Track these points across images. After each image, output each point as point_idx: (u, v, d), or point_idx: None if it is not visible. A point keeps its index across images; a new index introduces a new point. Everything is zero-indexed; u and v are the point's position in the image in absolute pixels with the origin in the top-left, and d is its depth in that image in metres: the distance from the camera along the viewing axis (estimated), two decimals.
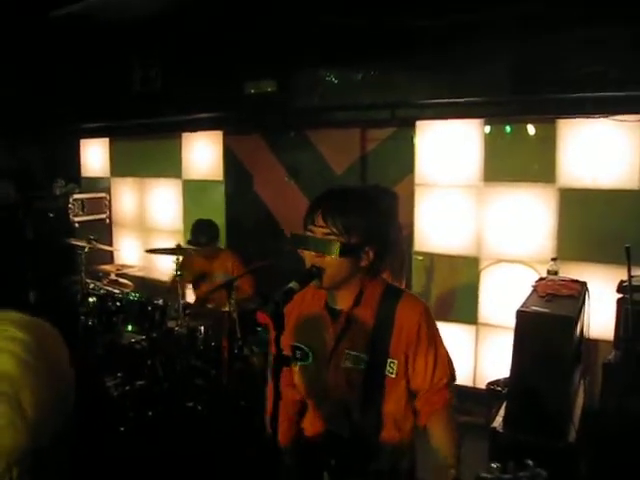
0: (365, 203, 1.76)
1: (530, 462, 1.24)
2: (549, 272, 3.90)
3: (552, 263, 3.94)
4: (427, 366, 1.74)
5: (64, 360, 0.87)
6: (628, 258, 3.06)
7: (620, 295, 3.49)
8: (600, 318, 3.72)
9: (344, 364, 1.74)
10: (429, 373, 1.75)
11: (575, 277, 3.83)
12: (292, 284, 1.56)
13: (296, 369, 1.83)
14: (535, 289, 3.61)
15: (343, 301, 1.77)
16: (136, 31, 4.91)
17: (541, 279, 3.83)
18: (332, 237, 1.65)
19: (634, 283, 3.15)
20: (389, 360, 1.72)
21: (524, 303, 3.34)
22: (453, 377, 1.81)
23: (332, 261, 1.65)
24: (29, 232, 5.99)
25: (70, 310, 4.83)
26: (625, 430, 3.05)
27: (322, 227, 1.66)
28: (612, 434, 3.11)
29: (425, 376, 1.75)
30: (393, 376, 1.72)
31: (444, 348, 1.80)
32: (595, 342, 3.87)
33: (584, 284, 3.71)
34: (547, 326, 3.13)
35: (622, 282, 3.44)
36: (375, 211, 1.76)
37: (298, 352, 1.81)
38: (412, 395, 1.78)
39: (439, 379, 1.76)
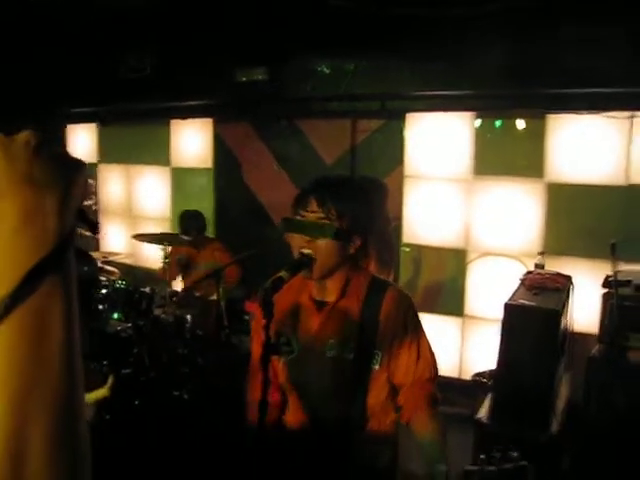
0: (355, 190, 1.80)
1: (515, 454, 1.24)
2: (536, 266, 3.92)
3: (539, 257, 3.96)
4: (410, 358, 1.75)
5: None
6: (613, 254, 3.09)
7: (605, 290, 3.52)
8: (585, 312, 3.75)
9: (329, 354, 1.75)
10: (412, 365, 1.75)
11: (561, 271, 3.86)
12: (282, 273, 1.56)
13: (281, 360, 1.82)
14: (522, 282, 3.63)
15: (329, 292, 1.78)
16: (126, 16, 4.85)
17: (528, 272, 3.85)
18: (327, 221, 1.65)
19: (619, 278, 3.18)
20: (374, 351, 1.72)
21: (511, 296, 3.36)
22: (436, 372, 1.81)
23: (323, 247, 1.66)
24: None
25: None
26: (607, 423, 3.08)
27: (315, 212, 1.67)
28: (595, 427, 3.14)
29: (408, 369, 1.75)
30: (376, 367, 1.72)
31: (427, 342, 1.81)
32: (580, 336, 3.91)
33: (569, 278, 3.74)
34: (534, 319, 3.16)
35: (608, 277, 3.47)
36: (363, 199, 1.79)
37: (284, 344, 1.81)
38: (394, 390, 1.78)
39: (422, 372, 1.76)
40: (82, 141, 7.20)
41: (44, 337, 0.57)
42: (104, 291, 4.48)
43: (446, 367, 1.89)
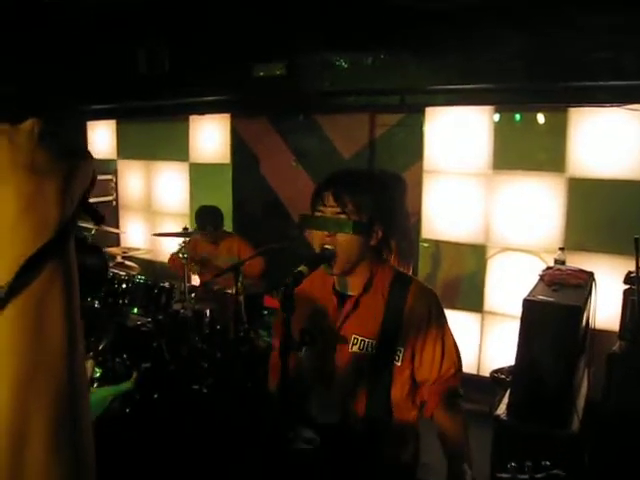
0: (373, 182, 1.80)
1: (547, 463, 1.23)
2: (556, 261, 3.88)
3: (559, 252, 3.92)
4: (435, 356, 1.74)
5: None
6: (637, 249, 3.04)
7: (627, 286, 3.47)
8: (606, 309, 3.70)
9: (351, 349, 1.74)
10: (437, 363, 1.74)
11: (582, 267, 3.81)
12: (302, 267, 1.56)
13: (303, 355, 1.82)
14: (542, 278, 3.60)
15: (352, 286, 1.77)
16: (144, 12, 4.87)
17: (548, 268, 3.81)
18: (344, 216, 1.65)
19: None
20: (397, 347, 1.71)
21: (531, 292, 3.33)
22: (460, 367, 1.80)
23: (344, 241, 1.65)
24: None
25: None
26: (628, 421, 3.05)
27: (333, 207, 1.67)
28: (615, 424, 3.11)
29: (432, 366, 1.74)
30: (399, 364, 1.72)
31: (452, 338, 1.79)
32: (600, 332, 3.86)
33: (591, 274, 3.70)
34: (553, 315, 3.12)
35: (629, 273, 3.42)
36: (382, 190, 1.79)
37: (307, 337, 1.81)
38: (416, 385, 1.78)
39: (447, 369, 1.75)
40: (102, 137, 7.28)
41: (45, 324, 0.58)
42: (124, 286, 4.53)
43: (465, 363, 1.88)
